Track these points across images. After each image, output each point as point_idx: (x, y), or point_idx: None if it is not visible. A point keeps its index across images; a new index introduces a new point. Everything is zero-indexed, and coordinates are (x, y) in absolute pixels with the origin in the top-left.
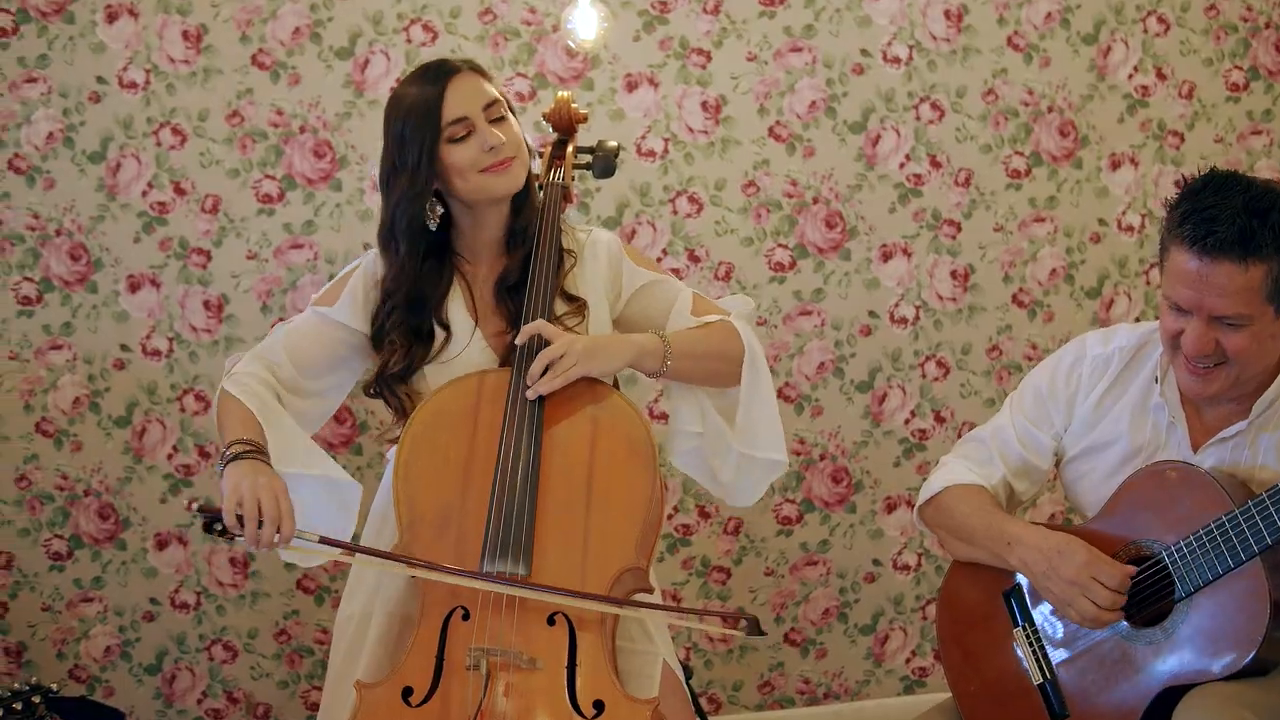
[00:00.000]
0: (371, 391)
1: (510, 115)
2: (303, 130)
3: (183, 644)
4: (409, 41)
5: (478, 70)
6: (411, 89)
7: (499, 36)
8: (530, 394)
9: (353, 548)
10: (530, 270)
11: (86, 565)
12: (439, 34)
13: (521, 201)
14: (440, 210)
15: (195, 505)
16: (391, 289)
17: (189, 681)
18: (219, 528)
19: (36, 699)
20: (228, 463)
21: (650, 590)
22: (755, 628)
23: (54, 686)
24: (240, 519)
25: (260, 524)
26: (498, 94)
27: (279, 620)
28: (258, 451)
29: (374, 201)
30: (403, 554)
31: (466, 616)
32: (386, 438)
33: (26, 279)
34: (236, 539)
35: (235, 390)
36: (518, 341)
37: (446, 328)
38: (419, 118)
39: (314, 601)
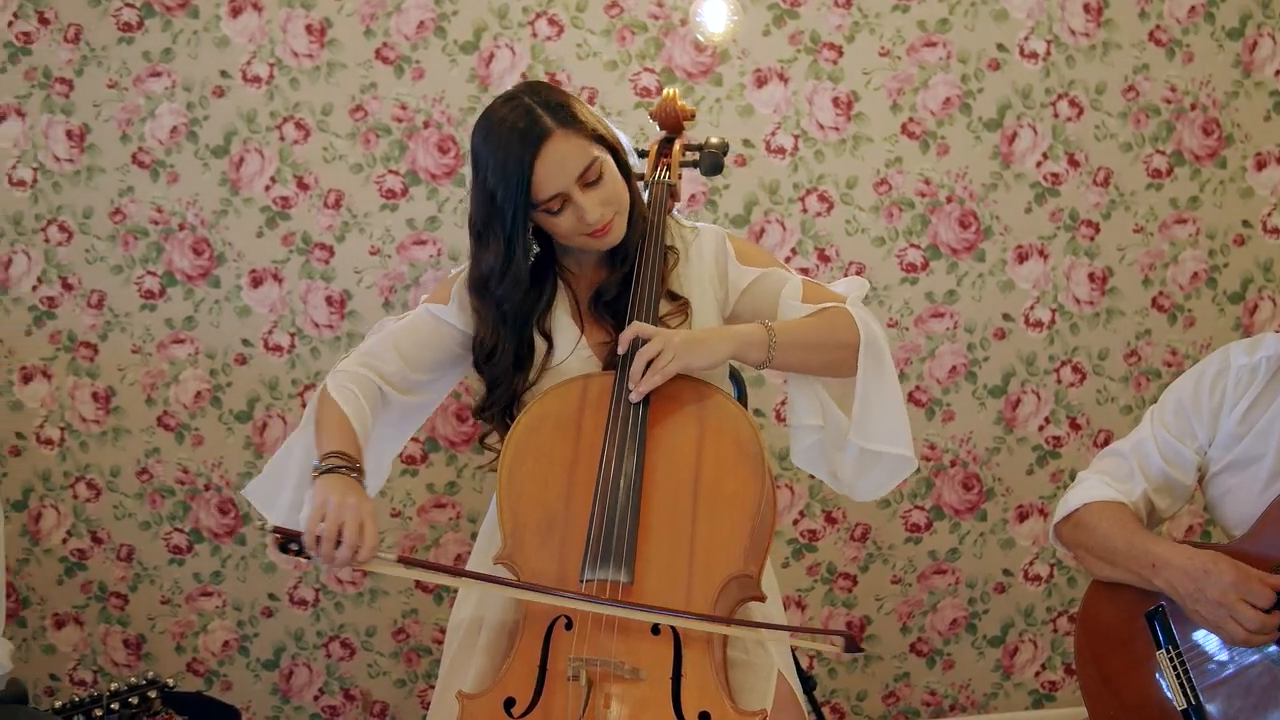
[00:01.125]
0: (479, 416)
1: (606, 162)
2: (427, 125)
3: (300, 640)
4: (534, 36)
5: (567, 122)
6: (499, 153)
7: (625, 30)
8: (633, 395)
9: (431, 566)
10: (634, 270)
11: (206, 560)
12: (564, 28)
13: (629, 222)
14: (536, 248)
15: (271, 526)
16: (482, 330)
17: (306, 678)
18: (294, 548)
19: (153, 694)
20: (321, 473)
21: (762, 599)
22: (852, 645)
23: (170, 681)
24: (319, 539)
25: (338, 545)
26: (591, 149)
27: (397, 619)
28: (352, 468)
29: None
30: (506, 562)
31: (569, 626)
32: (492, 447)
33: (150, 273)
34: (313, 558)
35: (336, 394)
36: (619, 351)
37: (548, 337)
38: (510, 187)
39: (433, 601)
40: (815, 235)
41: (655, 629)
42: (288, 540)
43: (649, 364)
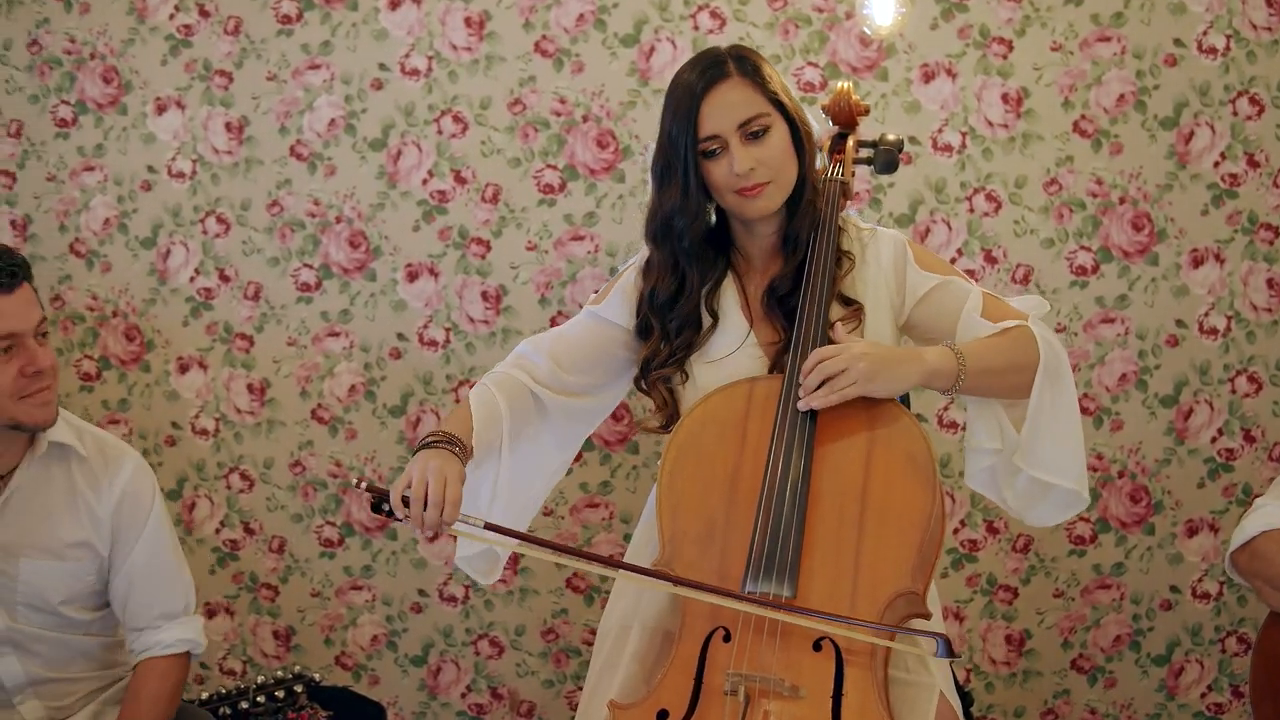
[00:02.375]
0: (640, 383)
1: (778, 127)
2: (586, 119)
3: (449, 637)
4: (695, 29)
5: (748, 73)
6: (680, 85)
7: (789, 24)
8: (802, 405)
9: (522, 535)
10: (805, 271)
11: (357, 554)
12: (726, 20)
13: (796, 206)
14: (713, 218)
15: (364, 484)
16: (658, 276)
17: (453, 675)
18: (386, 508)
19: (299, 688)
20: (416, 450)
21: (927, 616)
22: (948, 650)
23: (317, 676)
24: (406, 502)
25: (425, 507)
26: (763, 105)
27: (547, 618)
28: (449, 443)
29: None
30: (663, 569)
31: (728, 638)
32: (645, 425)
33: (306, 265)
34: (404, 521)
35: (472, 394)
36: (802, 372)
37: (715, 316)
38: (681, 122)
39: (583, 601)
40: (982, 236)
41: (817, 645)
42: (379, 500)
43: (826, 380)
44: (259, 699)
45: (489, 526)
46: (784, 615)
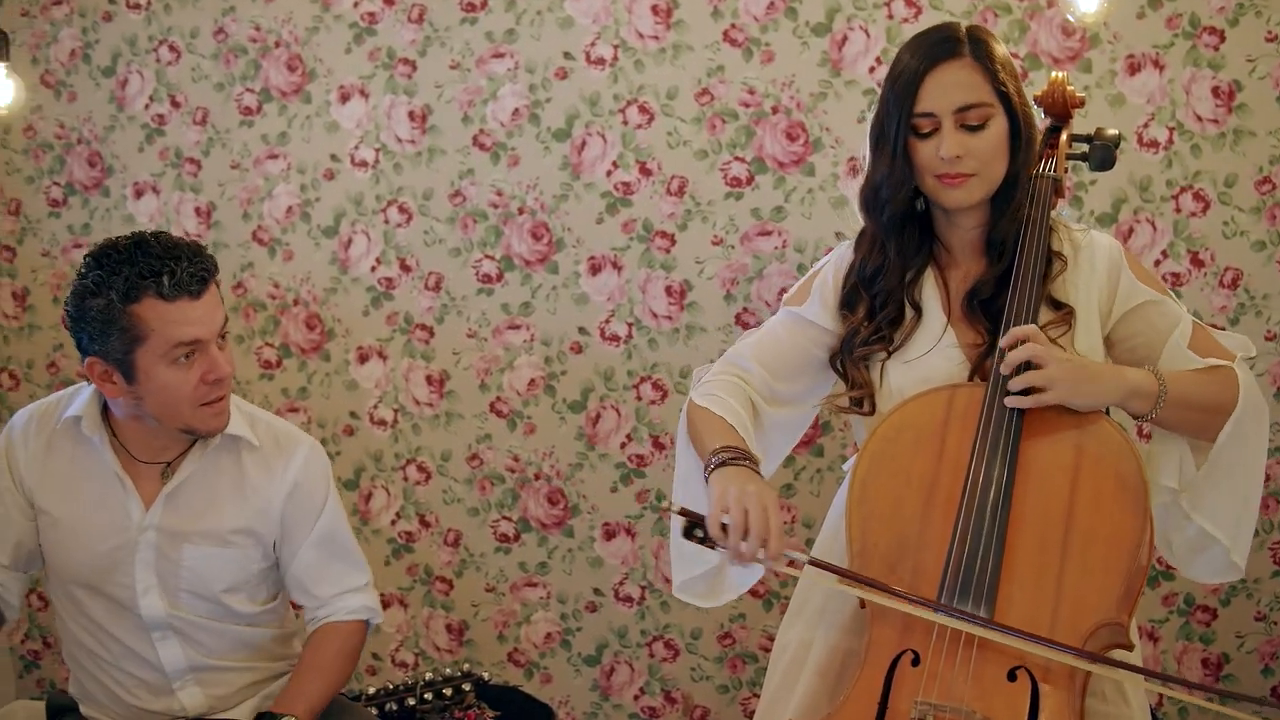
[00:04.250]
0: (836, 363)
1: (997, 120)
2: (775, 111)
3: (624, 638)
4: (890, 17)
5: (980, 57)
6: (908, 52)
7: (988, 12)
8: (1009, 402)
9: (853, 575)
10: (1013, 271)
11: (533, 550)
12: (923, 10)
13: (1003, 207)
14: (921, 204)
15: (678, 507)
16: (868, 248)
17: (627, 676)
18: (700, 534)
19: (467, 686)
20: (714, 469)
21: (1130, 647)
22: None
23: (485, 675)
24: (725, 529)
25: (745, 537)
26: (987, 94)
27: (724, 623)
28: (746, 458)
29: (849, 188)
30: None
31: (916, 662)
32: (835, 402)
33: (487, 257)
34: (718, 549)
35: (706, 402)
36: (1002, 344)
37: (918, 309)
38: (899, 94)
39: (762, 606)
40: (1189, 238)
41: (1012, 675)
42: (693, 525)
43: (1029, 390)
44: (426, 696)
45: (813, 563)
46: (993, 633)
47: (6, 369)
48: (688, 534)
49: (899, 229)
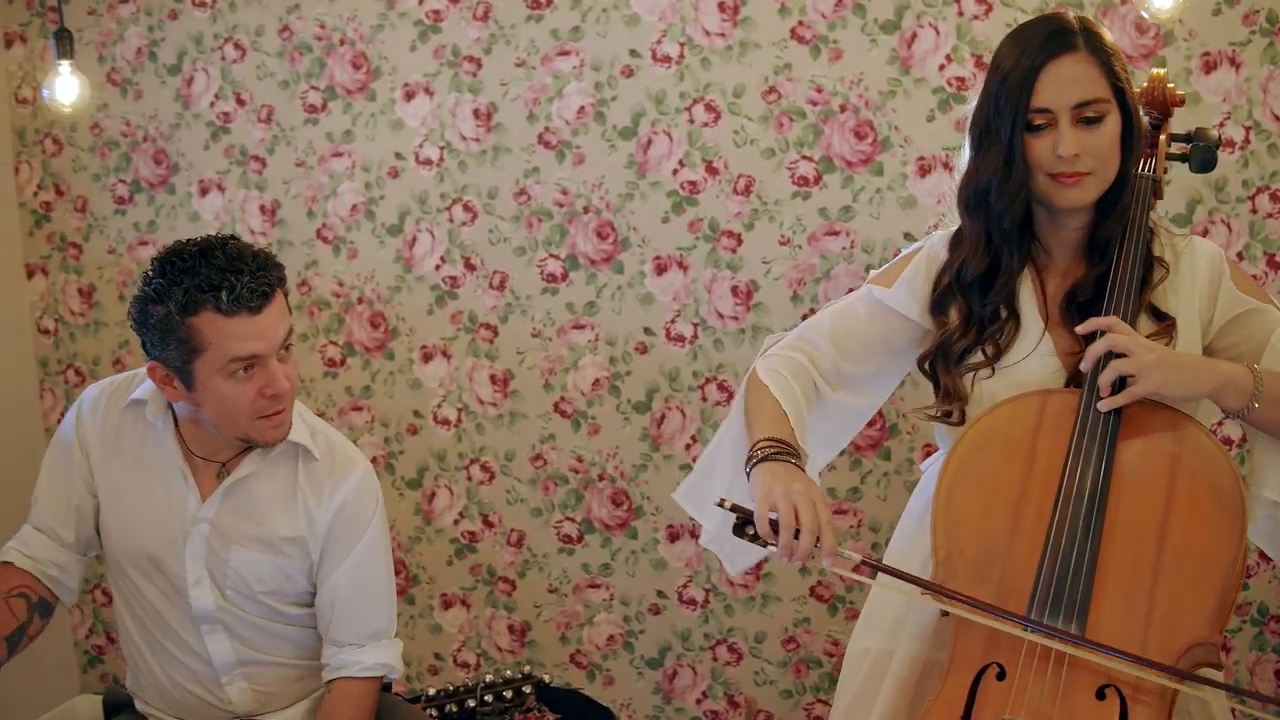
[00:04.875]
0: (925, 366)
1: (1112, 116)
2: (844, 109)
3: (687, 641)
4: (961, 14)
5: (1096, 51)
6: (1018, 45)
7: (1060, 8)
8: (1102, 405)
9: (907, 577)
10: (1111, 277)
11: (596, 551)
12: (994, 7)
13: (1110, 207)
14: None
15: (728, 503)
16: (969, 251)
17: (689, 679)
18: (751, 532)
19: (527, 688)
20: (756, 463)
21: (1219, 667)
22: None
23: (546, 677)
24: (774, 526)
25: (797, 534)
26: (1104, 90)
27: (788, 626)
28: (791, 453)
29: (917, 188)
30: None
31: (1001, 676)
32: (924, 410)
33: (553, 255)
34: (768, 546)
35: (766, 377)
36: (1079, 330)
37: (1016, 315)
38: (1011, 89)
39: (827, 611)
40: (1264, 239)
41: (1100, 693)
42: (744, 523)
43: (1118, 380)
44: (487, 698)
45: (865, 564)
46: (1086, 652)
47: (73, 365)
48: (738, 531)
49: (1018, 234)
